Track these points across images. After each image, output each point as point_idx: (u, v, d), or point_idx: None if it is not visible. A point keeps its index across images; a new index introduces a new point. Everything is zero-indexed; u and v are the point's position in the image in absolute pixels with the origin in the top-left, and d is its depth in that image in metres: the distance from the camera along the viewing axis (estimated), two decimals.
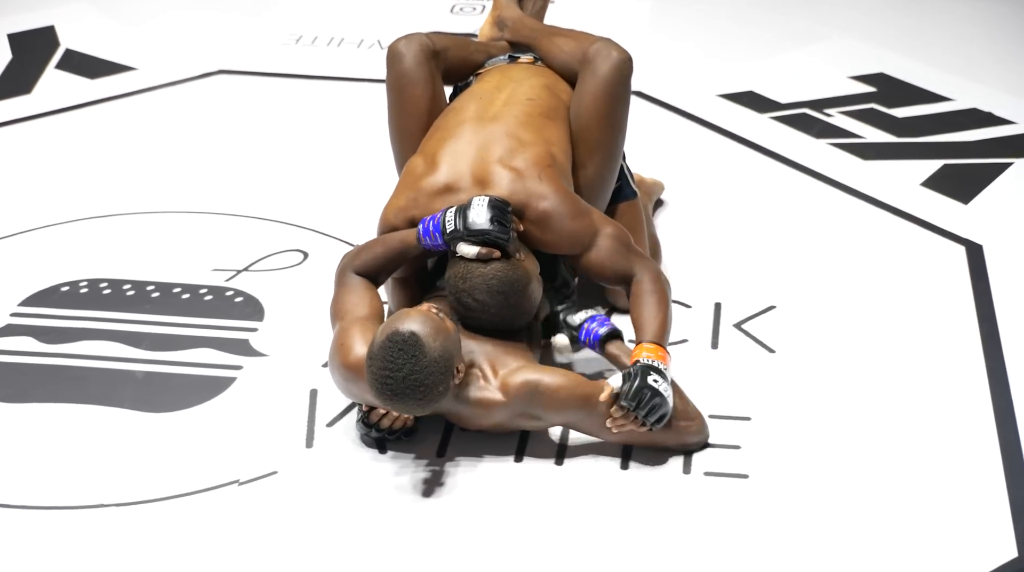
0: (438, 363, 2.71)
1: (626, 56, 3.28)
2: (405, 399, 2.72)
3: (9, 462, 2.96)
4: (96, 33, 5.15)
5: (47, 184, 4.12)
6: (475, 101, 3.28)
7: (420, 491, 2.86)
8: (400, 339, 2.70)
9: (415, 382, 2.69)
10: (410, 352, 2.69)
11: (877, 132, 4.39)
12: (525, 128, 3.16)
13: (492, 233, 2.90)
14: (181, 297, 3.53)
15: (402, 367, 2.69)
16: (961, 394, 3.16)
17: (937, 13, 5.29)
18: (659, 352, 2.90)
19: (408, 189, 3.11)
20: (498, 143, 3.11)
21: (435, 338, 2.73)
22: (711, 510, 2.82)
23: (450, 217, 2.93)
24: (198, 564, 2.69)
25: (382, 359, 2.70)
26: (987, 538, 2.74)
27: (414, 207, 3.07)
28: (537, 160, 3.09)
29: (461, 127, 3.18)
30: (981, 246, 3.73)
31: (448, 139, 3.16)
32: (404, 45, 3.33)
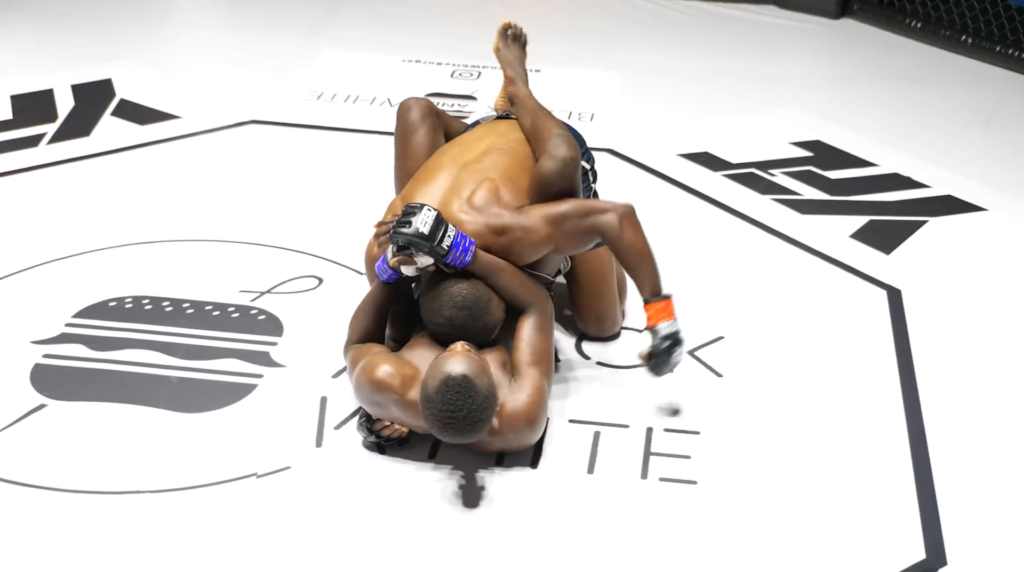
0: (489, 399, 2.69)
1: (570, 155, 3.07)
2: (465, 434, 2.69)
3: (59, 452, 2.94)
4: (147, 86, 5.14)
5: (100, 214, 4.10)
6: (456, 146, 3.25)
7: (414, 488, 2.85)
8: (455, 383, 2.66)
9: (474, 419, 2.67)
10: (466, 393, 2.65)
11: (813, 190, 4.40)
12: (494, 173, 3.10)
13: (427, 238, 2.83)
14: (212, 313, 3.52)
15: (461, 408, 2.65)
16: (879, 416, 3.16)
17: (867, 91, 5.32)
18: (665, 308, 3.01)
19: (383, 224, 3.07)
20: (465, 186, 3.05)
21: (482, 376, 2.70)
22: (664, 511, 2.81)
23: (389, 250, 2.90)
24: (219, 545, 2.67)
25: (441, 402, 2.66)
26: (899, 542, 2.74)
27: (377, 249, 3.03)
28: (493, 193, 3.03)
29: (437, 171, 3.13)
30: (900, 291, 3.73)
31: (423, 181, 3.11)
32: (413, 101, 3.38)
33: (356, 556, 2.65)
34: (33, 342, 3.36)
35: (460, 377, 2.67)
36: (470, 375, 2.68)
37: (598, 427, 3.08)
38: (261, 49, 5.63)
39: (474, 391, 2.67)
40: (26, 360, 3.28)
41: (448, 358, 2.73)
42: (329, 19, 5.98)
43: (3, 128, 4.73)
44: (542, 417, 2.88)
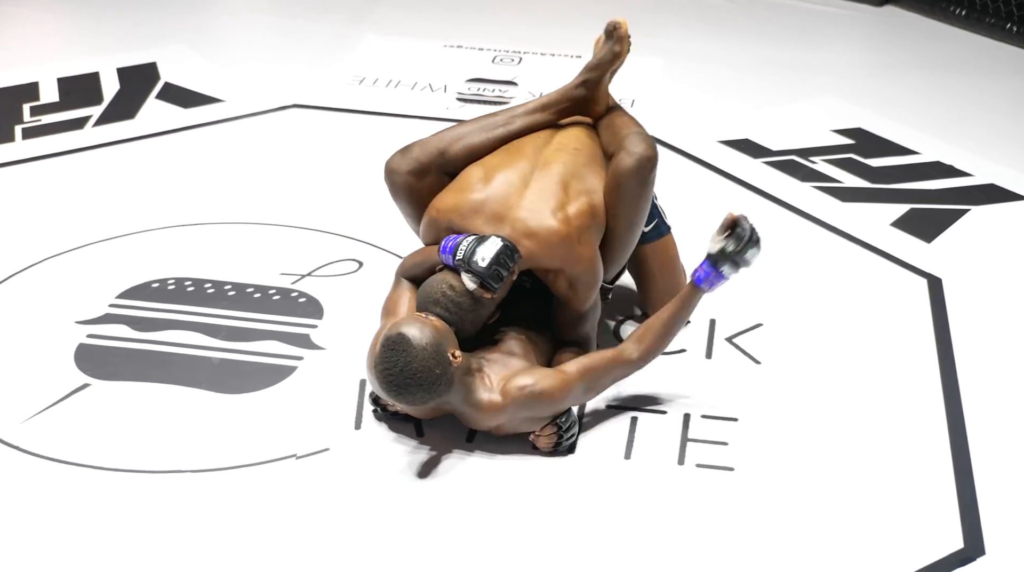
0: (427, 350, 2.66)
1: (650, 154, 3.00)
2: (408, 391, 2.67)
3: (102, 431, 2.96)
4: (191, 70, 5.17)
5: (144, 196, 4.12)
6: (533, 138, 3.14)
7: (451, 471, 2.85)
8: (391, 341, 2.68)
9: (411, 372, 2.65)
10: (400, 349, 2.66)
11: (854, 178, 4.36)
12: (572, 177, 3.02)
13: (486, 277, 2.81)
14: (253, 296, 3.53)
15: (396, 363, 2.65)
16: (919, 405, 3.13)
17: (909, 79, 5.26)
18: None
19: (459, 194, 2.99)
20: (550, 193, 2.95)
21: (421, 332, 2.68)
22: (701, 497, 2.80)
23: (464, 245, 2.84)
24: (258, 525, 2.69)
25: (380, 362, 2.68)
26: (937, 530, 2.71)
27: (456, 214, 2.96)
28: (582, 219, 2.94)
29: (519, 160, 3.05)
30: (941, 279, 3.70)
31: (505, 166, 3.02)
32: (394, 171, 3.13)
33: (394, 537, 2.66)
34: (77, 322, 3.38)
35: (397, 335, 2.67)
36: (409, 335, 2.67)
37: (635, 413, 3.07)
38: (304, 33, 5.64)
39: (409, 345, 2.65)
40: (70, 340, 3.30)
41: (392, 323, 2.76)
42: (371, 4, 5.98)
43: (50, 110, 4.76)
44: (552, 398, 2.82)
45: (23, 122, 4.67)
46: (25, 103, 4.82)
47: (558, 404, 2.85)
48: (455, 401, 2.80)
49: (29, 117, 4.71)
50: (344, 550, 2.62)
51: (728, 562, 2.62)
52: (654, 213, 3.33)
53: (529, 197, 2.97)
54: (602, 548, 2.64)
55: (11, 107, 4.78)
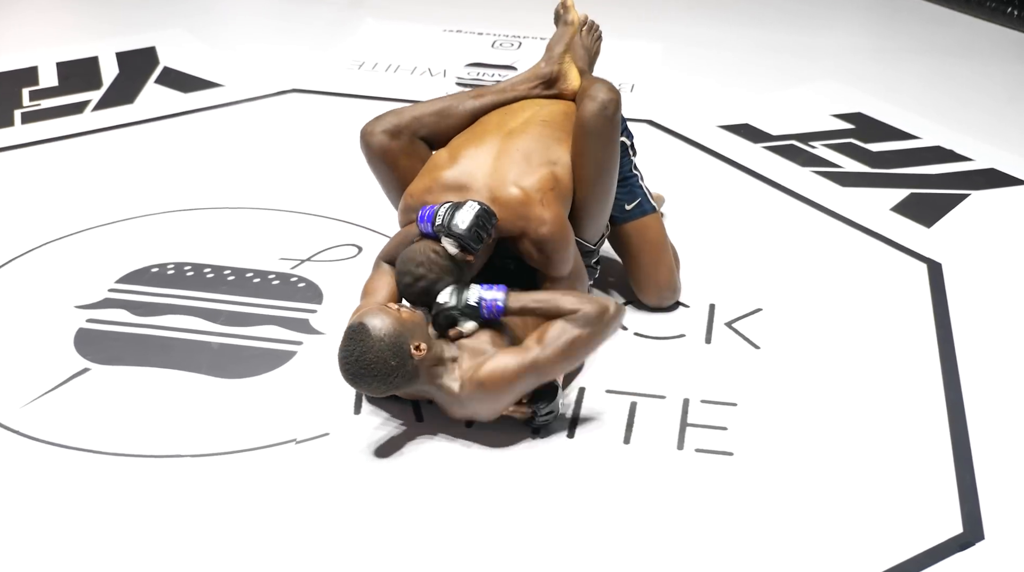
0: (384, 341, 2.67)
1: (611, 97, 3.07)
2: (362, 380, 2.70)
3: (102, 416, 2.96)
4: (190, 54, 5.15)
5: (143, 181, 4.12)
6: (497, 117, 3.22)
7: (450, 456, 2.85)
8: (351, 330, 2.70)
9: (365, 362, 2.67)
10: (358, 338, 2.68)
11: (854, 163, 4.35)
12: (538, 147, 3.08)
13: (466, 239, 2.84)
14: (252, 281, 3.52)
15: (353, 352, 2.68)
16: (918, 390, 3.13)
17: (909, 63, 5.25)
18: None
19: (429, 176, 3.06)
20: (513, 162, 3.03)
21: (382, 323, 2.69)
22: (700, 482, 2.80)
23: (442, 212, 2.88)
24: (258, 510, 2.69)
25: (340, 350, 2.71)
26: (936, 515, 2.71)
27: (428, 194, 3.02)
28: (542, 183, 3.00)
29: (484, 136, 3.12)
30: (940, 264, 3.69)
31: (471, 144, 3.10)
32: (369, 132, 3.23)
33: (393, 522, 2.66)
34: (77, 307, 3.38)
35: (358, 325, 2.70)
36: (369, 325, 2.69)
37: (634, 398, 3.07)
38: (303, 18, 5.62)
39: (367, 336, 2.67)
40: (70, 325, 3.30)
41: (361, 311, 2.78)
42: None
43: (49, 95, 4.75)
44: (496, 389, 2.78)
45: (22, 107, 4.66)
46: (24, 87, 4.81)
47: (507, 393, 2.80)
48: (430, 389, 2.82)
49: (28, 102, 4.70)
50: (344, 535, 2.62)
51: (728, 547, 2.62)
52: (638, 192, 3.33)
53: (494, 169, 3.02)
54: (602, 533, 2.64)
55: (10, 91, 4.77)
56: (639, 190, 3.34)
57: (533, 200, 2.97)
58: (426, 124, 3.24)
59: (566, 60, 3.35)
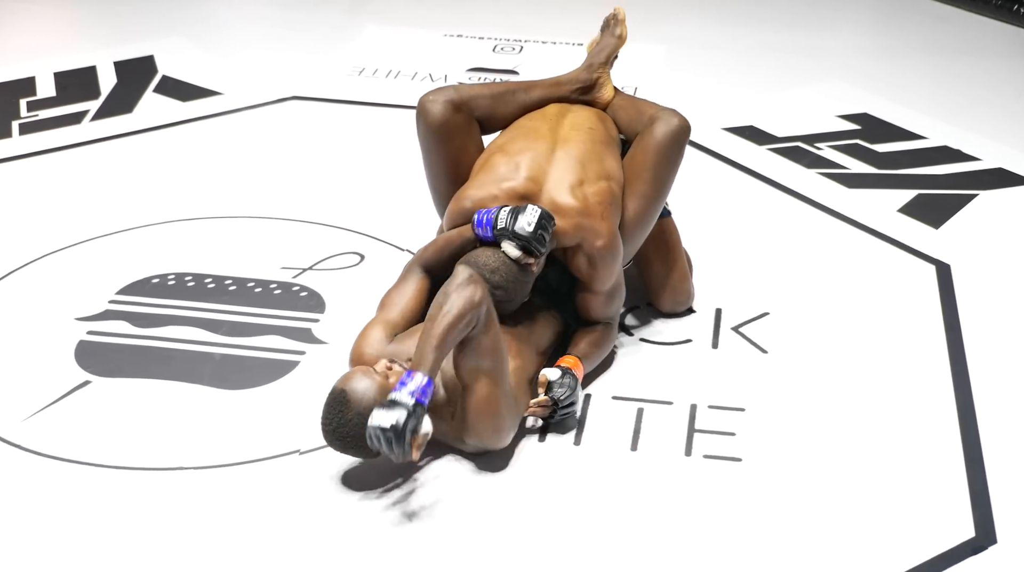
0: (361, 416, 2.64)
1: (686, 124, 3.14)
2: (340, 446, 2.69)
3: (104, 428, 2.96)
4: (189, 63, 5.16)
5: (142, 191, 4.12)
6: (542, 121, 3.21)
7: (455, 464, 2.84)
8: (332, 396, 2.68)
9: (343, 433, 2.66)
10: (337, 408, 2.66)
11: (860, 164, 4.35)
12: (591, 157, 3.09)
13: (533, 242, 2.86)
14: (254, 290, 3.53)
15: (331, 421, 2.67)
16: (928, 393, 3.12)
17: (915, 63, 5.25)
18: (577, 365, 2.97)
19: (491, 186, 3.03)
20: (571, 170, 3.04)
21: (364, 393, 2.64)
22: (709, 488, 2.79)
23: (503, 215, 2.89)
24: (262, 521, 2.69)
25: (322, 411, 2.70)
26: (948, 519, 2.71)
27: (491, 200, 3.00)
28: (602, 197, 3.02)
29: (538, 142, 3.11)
30: (949, 266, 3.69)
31: (528, 151, 3.08)
32: (430, 101, 3.17)
33: (398, 532, 2.66)
34: (77, 319, 3.38)
35: (338, 391, 2.67)
36: (348, 391, 2.65)
37: (641, 403, 3.07)
38: (303, 25, 5.64)
39: (346, 408, 2.64)
40: (71, 337, 3.30)
41: (350, 372, 2.72)
42: None
43: (47, 105, 4.76)
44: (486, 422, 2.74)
45: (20, 117, 4.66)
46: (22, 98, 4.82)
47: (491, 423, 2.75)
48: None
49: (26, 112, 4.71)
50: (349, 545, 2.62)
51: (737, 553, 2.61)
52: None
53: (553, 176, 3.04)
54: (609, 540, 2.64)
55: (8, 102, 4.78)
56: None
57: (594, 213, 2.99)
58: (482, 106, 3.22)
59: (604, 71, 3.38)
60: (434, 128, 3.18)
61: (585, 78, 3.36)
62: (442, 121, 3.17)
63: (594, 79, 3.37)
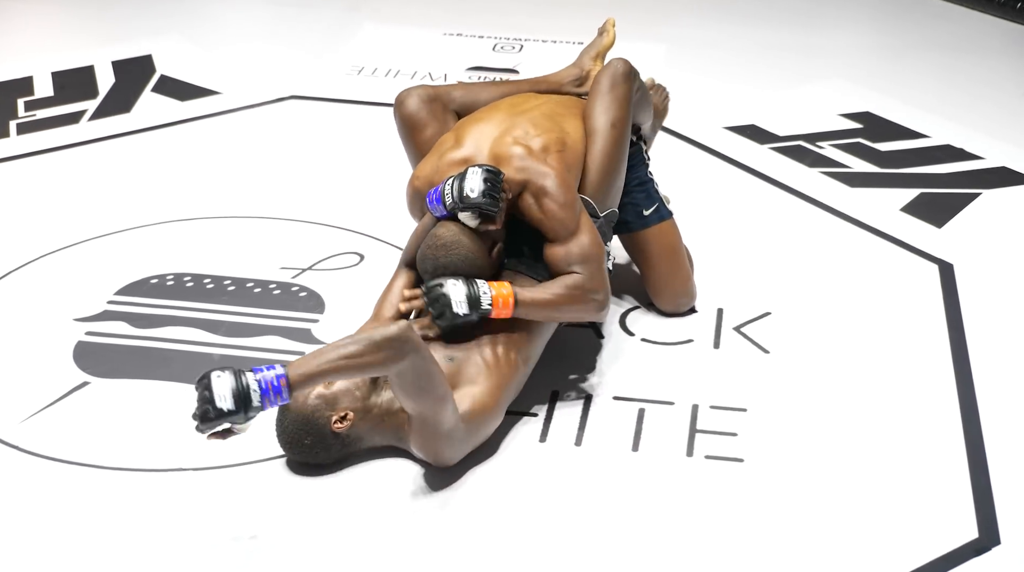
0: (296, 422, 2.73)
1: (622, 61, 3.17)
2: (290, 452, 2.79)
3: (102, 430, 2.97)
4: (187, 62, 5.17)
5: (141, 191, 4.13)
6: (509, 99, 3.27)
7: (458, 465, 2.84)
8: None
9: (285, 439, 2.77)
10: (280, 412, 2.76)
11: (862, 163, 4.35)
12: (547, 120, 3.11)
13: (482, 205, 2.82)
14: (253, 291, 3.53)
15: (277, 425, 2.77)
16: (931, 393, 3.13)
17: (917, 61, 5.26)
18: (505, 296, 2.81)
19: (433, 158, 3.06)
20: (519, 127, 3.05)
21: (303, 401, 2.72)
22: (710, 489, 2.80)
23: (447, 189, 2.87)
24: (262, 523, 2.69)
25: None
26: (951, 520, 2.71)
27: (435, 174, 3.01)
28: (548, 143, 3.02)
29: (493, 115, 3.13)
30: (952, 265, 3.69)
31: (478, 122, 3.11)
32: (404, 93, 3.27)
33: (404, 531, 2.66)
34: (76, 320, 3.38)
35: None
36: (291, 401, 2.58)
37: (642, 404, 3.07)
38: (301, 24, 5.64)
39: (284, 419, 2.74)
40: (69, 338, 3.31)
41: None
42: None
43: (45, 105, 4.77)
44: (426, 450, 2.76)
45: (17, 117, 4.67)
46: (19, 98, 4.82)
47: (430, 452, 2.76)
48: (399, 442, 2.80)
49: (23, 112, 4.71)
50: (352, 547, 2.63)
51: (739, 554, 2.62)
52: (654, 197, 3.35)
53: (497, 136, 3.04)
54: (611, 541, 2.64)
55: (5, 102, 4.78)
56: (656, 195, 3.35)
57: (537, 156, 2.98)
58: (457, 97, 3.31)
59: (596, 65, 3.48)
60: (407, 119, 3.25)
61: (576, 73, 3.48)
62: (415, 111, 3.23)
63: (586, 71, 3.47)
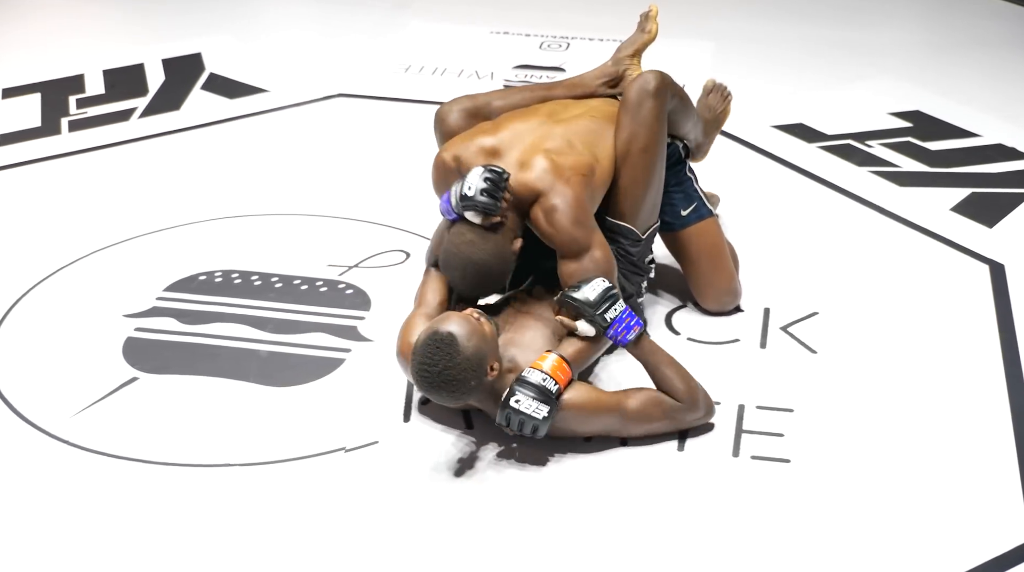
0: (470, 361, 2.68)
1: (655, 74, 3.11)
2: (439, 391, 2.70)
3: (151, 425, 2.99)
4: (236, 60, 5.20)
5: (190, 188, 4.16)
6: (551, 104, 3.26)
7: (500, 464, 2.85)
8: (438, 338, 2.68)
9: (448, 377, 2.67)
10: (445, 350, 2.67)
11: (912, 162, 4.31)
12: (582, 139, 3.08)
13: (480, 203, 2.85)
14: (300, 288, 3.55)
15: (437, 363, 2.67)
16: (981, 394, 3.09)
17: (968, 58, 5.20)
18: (559, 368, 2.78)
19: (466, 137, 3.08)
20: (553, 140, 3.04)
21: (470, 339, 2.69)
22: (757, 489, 2.78)
23: (454, 189, 2.91)
24: (308, 519, 2.70)
25: (422, 354, 2.69)
26: (1002, 523, 2.68)
27: (462, 150, 3.04)
28: (576, 166, 2.99)
29: (532, 117, 3.14)
30: (1003, 265, 3.65)
31: (517, 119, 3.12)
32: (445, 109, 3.26)
33: (443, 529, 2.66)
34: (125, 316, 3.42)
35: (445, 333, 2.69)
36: (456, 335, 2.68)
37: None
38: (348, 22, 5.66)
39: (455, 350, 2.67)
40: (119, 333, 3.34)
41: (445, 317, 2.77)
42: None
43: (95, 102, 4.82)
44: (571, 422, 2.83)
45: (69, 115, 4.72)
46: (71, 95, 4.88)
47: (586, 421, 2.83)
48: (484, 404, 2.84)
49: (75, 110, 4.76)
50: (393, 543, 2.63)
51: (785, 555, 2.60)
52: (694, 197, 3.33)
53: (528, 140, 3.04)
54: (657, 541, 2.63)
55: (57, 100, 4.84)
56: (695, 194, 3.34)
57: (560, 174, 2.96)
58: (498, 107, 3.28)
59: (633, 63, 3.42)
60: (450, 135, 3.21)
61: (612, 71, 3.42)
62: (457, 127, 3.22)
63: (621, 71, 3.41)
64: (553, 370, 2.77)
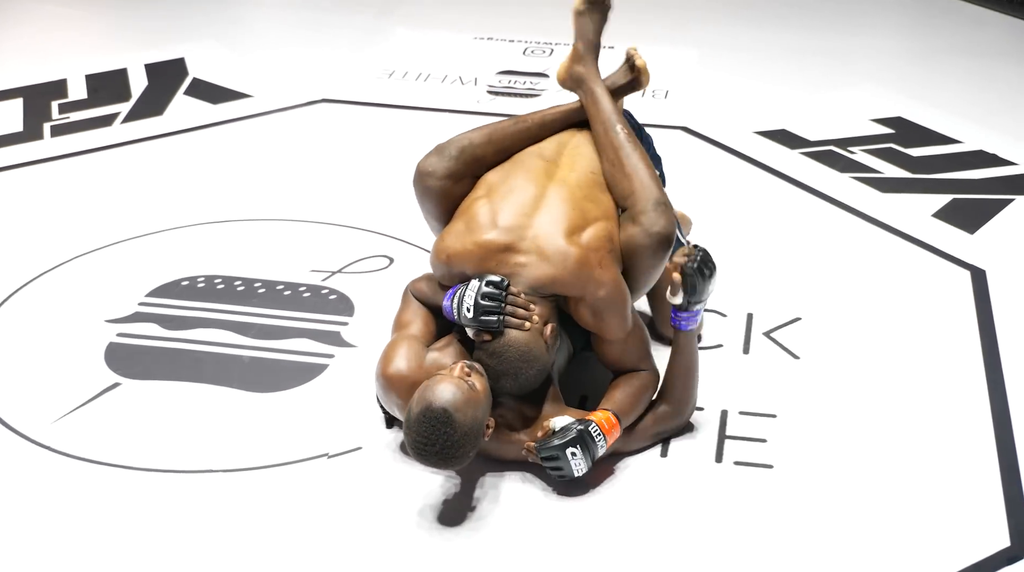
0: (468, 435, 2.60)
1: (667, 232, 2.89)
2: (438, 465, 2.62)
3: (133, 431, 2.98)
4: (219, 65, 5.19)
5: (173, 193, 4.15)
6: (539, 160, 3.04)
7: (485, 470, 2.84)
8: (433, 416, 2.56)
9: (448, 454, 2.59)
10: (442, 429, 2.56)
11: (894, 168, 4.33)
12: (588, 200, 2.92)
13: (482, 326, 2.72)
14: (283, 293, 3.54)
15: (435, 442, 2.57)
16: (963, 400, 3.10)
17: (950, 66, 5.22)
18: (609, 423, 2.75)
19: (466, 237, 2.87)
20: (563, 214, 2.86)
21: (465, 411, 2.59)
22: (739, 495, 2.79)
23: (455, 300, 2.77)
24: (291, 525, 2.70)
25: (417, 433, 2.59)
26: (983, 528, 2.69)
27: (467, 260, 2.85)
28: (599, 242, 2.85)
29: (528, 185, 2.94)
30: (984, 271, 3.66)
31: (513, 195, 2.92)
32: (427, 164, 3.04)
33: (426, 536, 2.66)
34: (107, 321, 3.40)
35: (440, 410, 2.56)
36: (451, 409, 2.57)
37: None
38: (332, 27, 5.66)
39: (452, 428, 2.56)
40: (101, 339, 3.32)
41: (437, 383, 2.62)
42: None
43: (78, 107, 4.80)
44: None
45: (51, 119, 4.70)
46: (53, 100, 4.86)
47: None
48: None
49: (57, 114, 4.75)
50: (376, 549, 2.63)
51: (767, 561, 2.60)
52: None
53: (542, 221, 2.86)
54: (641, 546, 2.63)
55: (39, 104, 4.82)
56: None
57: (591, 261, 2.81)
58: (486, 165, 3.07)
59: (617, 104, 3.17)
60: (434, 197, 3.05)
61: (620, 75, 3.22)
62: (443, 193, 3.03)
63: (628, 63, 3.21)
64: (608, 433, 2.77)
